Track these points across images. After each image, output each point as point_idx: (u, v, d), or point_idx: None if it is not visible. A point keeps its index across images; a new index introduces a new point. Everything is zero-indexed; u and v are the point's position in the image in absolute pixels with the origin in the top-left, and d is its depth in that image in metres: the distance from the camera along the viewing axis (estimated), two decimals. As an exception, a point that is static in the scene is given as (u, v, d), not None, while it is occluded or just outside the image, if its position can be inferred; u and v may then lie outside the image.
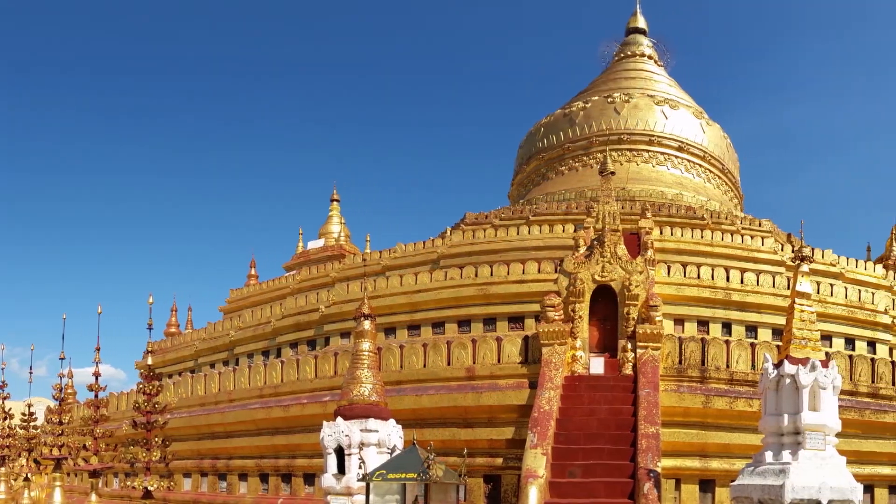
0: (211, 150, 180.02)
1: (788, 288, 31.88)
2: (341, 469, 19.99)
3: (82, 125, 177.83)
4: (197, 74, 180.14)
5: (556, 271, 31.41)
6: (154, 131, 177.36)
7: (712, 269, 34.67)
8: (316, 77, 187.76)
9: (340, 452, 20.04)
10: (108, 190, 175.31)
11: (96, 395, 28.29)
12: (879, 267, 42.82)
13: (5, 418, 34.96)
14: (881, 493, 25.28)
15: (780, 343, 18.32)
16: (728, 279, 34.37)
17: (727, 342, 25.94)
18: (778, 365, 16.97)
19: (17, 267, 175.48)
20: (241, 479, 31.08)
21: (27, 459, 33.60)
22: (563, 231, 40.31)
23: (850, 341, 34.90)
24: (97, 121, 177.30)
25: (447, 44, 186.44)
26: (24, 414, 34.00)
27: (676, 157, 54.40)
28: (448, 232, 45.95)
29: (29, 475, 32.70)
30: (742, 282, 34.35)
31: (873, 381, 25.90)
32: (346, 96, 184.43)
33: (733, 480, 17.45)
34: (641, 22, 65.00)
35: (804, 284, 17.41)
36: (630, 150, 54.10)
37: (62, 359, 32.47)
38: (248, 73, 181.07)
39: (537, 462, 21.81)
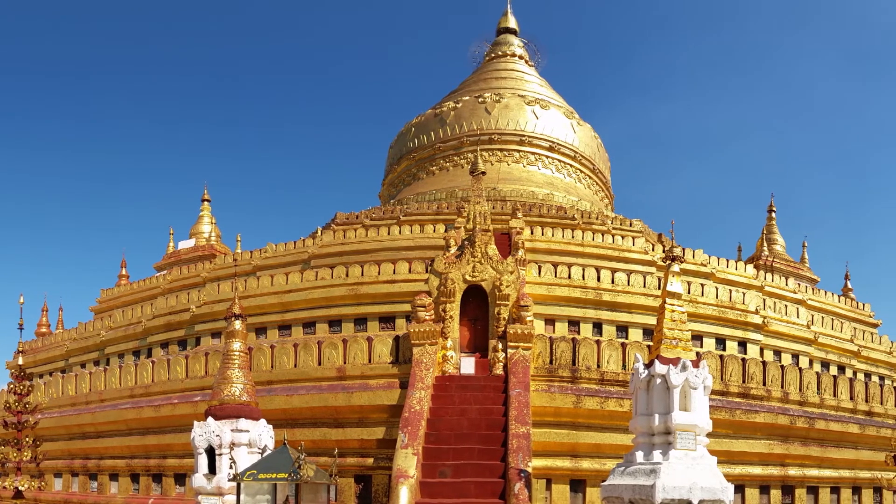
0: (80, 149, 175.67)
1: (659, 288, 32.62)
2: (212, 469, 19.81)
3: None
4: (71, 77, 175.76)
5: (427, 271, 31.46)
6: (22, 130, 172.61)
7: (583, 269, 35.00)
8: (186, 76, 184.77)
9: (211, 452, 19.86)
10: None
11: (-33, 395, 27.69)
12: (750, 267, 43.80)
13: None
14: (752, 493, 25.85)
15: (651, 343, 18.41)
16: (599, 279, 34.75)
17: (598, 342, 26.18)
18: (649, 365, 17.11)
19: None
20: (112, 480, 30.60)
21: None
22: (434, 231, 40.39)
23: (720, 341, 35.65)
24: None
25: (316, 42, 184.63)
26: None
27: (547, 157, 54.91)
28: (319, 232, 45.83)
29: None
30: (613, 282, 34.76)
31: (744, 381, 26.49)
32: (216, 96, 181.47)
33: (604, 480, 17.50)
34: (512, 22, 65.58)
35: (675, 284, 17.55)
36: (501, 150, 54.43)
37: (-67, 358, 31.75)
38: (116, 71, 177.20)
39: (408, 462, 21.72)
